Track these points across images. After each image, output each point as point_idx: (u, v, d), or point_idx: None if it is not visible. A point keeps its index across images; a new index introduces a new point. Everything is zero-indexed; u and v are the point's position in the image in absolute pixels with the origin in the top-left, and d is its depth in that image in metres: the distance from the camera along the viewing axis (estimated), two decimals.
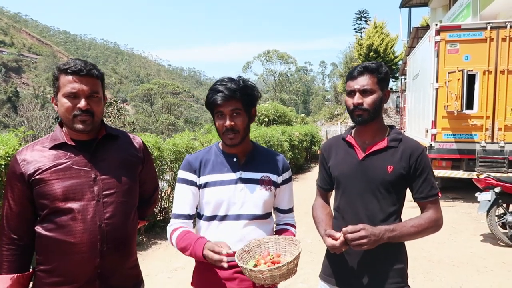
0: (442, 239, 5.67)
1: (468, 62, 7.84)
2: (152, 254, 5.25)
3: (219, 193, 1.75)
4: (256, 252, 1.68)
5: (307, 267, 4.36)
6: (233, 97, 1.67)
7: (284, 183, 1.88)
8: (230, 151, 1.81)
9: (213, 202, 1.76)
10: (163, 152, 6.13)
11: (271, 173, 1.82)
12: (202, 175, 1.80)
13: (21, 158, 1.60)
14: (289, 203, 1.94)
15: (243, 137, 1.75)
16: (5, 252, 1.59)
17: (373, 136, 1.79)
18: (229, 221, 1.75)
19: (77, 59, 1.62)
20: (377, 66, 1.72)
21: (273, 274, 1.50)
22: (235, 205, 1.75)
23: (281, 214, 1.94)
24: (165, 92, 45.88)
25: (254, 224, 1.76)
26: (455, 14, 13.69)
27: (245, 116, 1.74)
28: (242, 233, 1.74)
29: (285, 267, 1.51)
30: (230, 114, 1.69)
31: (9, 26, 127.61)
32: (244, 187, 1.76)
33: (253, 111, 1.80)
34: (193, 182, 1.80)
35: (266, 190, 1.79)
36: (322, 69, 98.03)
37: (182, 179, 1.82)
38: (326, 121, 38.47)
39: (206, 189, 1.78)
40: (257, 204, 1.76)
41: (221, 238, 1.71)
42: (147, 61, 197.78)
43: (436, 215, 1.71)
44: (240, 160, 1.81)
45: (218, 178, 1.77)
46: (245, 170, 1.79)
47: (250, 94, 1.74)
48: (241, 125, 1.72)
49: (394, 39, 30.89)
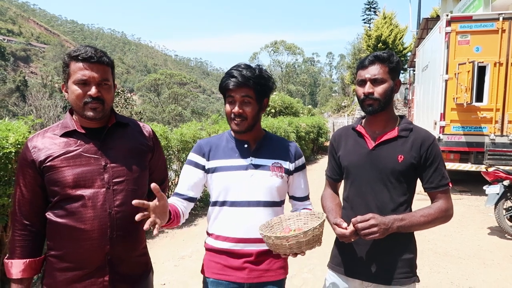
0: (449, 231, 5.65)
1: (479, 54, 7.73)
2: (159, 243, 5.30)
3: (228, 178, 1.76)
4: (277, 229, 1.67)
5: (313, 257, 4.37)
6: (246, 84, 1.68)
7: (297, 171, 1.86)
8: (241, 137, 1.81)
9: (223, 187, 1.76)
10: (171, 141, 6.16)
11: (282, 160, 1.81)
12: (212, 159, 1.81)
13: (32, 145, 1.62)
14: (305, 191, 1.92)
15: (251, 125, 1.75)
16: (17, 238, 1.61)
17: (383, 126, 1.78)
18: (239, 207, 1.75)
19: (87, 45, 1.61)
20: (388, 55, 1.70)
21: (299, 241, 1.48)
22: (245, 191, 1.74)
23: (298, 202, 1.93)
24: (172, 82, 45.81)
25: (264, 210, 1.75)
26: (466, 4, 13.45)
27: (255, 105, 1.73)
28: (252, 219, 1.73)
29: (311, 233, 1.49)
30: (240, 101, 1.70)
31: (17, 15, 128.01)
32: (254, 173, 1.76)
33: (265, 101, 1.80)
34: (201, 166, 1.82)
35: (278, 177, 1.77)
36: (329, 61, 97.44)
37: (190, 160, 1.85)
38: (333, 113, 38.29)
39: (215, 173, 1.79)
40: (268, 191, 1.75)
41: (231, 223, 1.74)
42: (154, 51, 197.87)
43: (447, 205, 1.70)
44: (251, 147, 1.81)
45: (228, 164, 1.78)
46: (256, 156, 1.79)
47: (264, 84, 1.74)
48: (250, 113, 1.72)
49: (403, 30, 30.53)
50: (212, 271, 1.79)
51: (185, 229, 5.84)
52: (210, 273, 1.80)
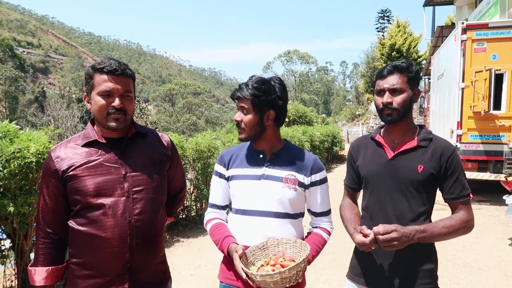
0: (468, 242, 5.54)
1: (495, 61, 7.63)
2: (175, 252, 5.32)
3: (242, 187, 1.80)
4: (272, 251, 1.67)
5: (329, 267, 4.34)
6: (243, 95, 1.75)
7: (313, 185, 1.82)
8: (258, 147, 1.85)
9: (238, 195, 1.82)
10: (186, 151, 6.20)
11: (297, 172, 1.79)
12: (230, 168, 1.87)
13: (55, 155, 1.66)
14: (322, 206, 1.87)
15: (250, 134, 1.78)
16: (41, 246, 1.66)
17: (402, 135, 1.78)
18: (252, 216, 1.77)
19: (111, 58, 1.66)
20: (407, 65, 1.70)
21: (266, 280, 1.49)
22: (258, 201, 1.76)
23: (313, 217, 1.91)
24: (186, 92, 46.33)
25: (277, 222, 1.75)
26: (482, 12, 13.33)
27: (253, 115, 1.75)
28: (266, 230, 1.74)
29: (278, 276, 1.48)
30: (240, 111, 1.79)
31: (36, 28, 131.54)
32: (266, 183, 1.77)
33: (269, 112, 1.77)
34: (223, 175, 1.89)
35: (290, 189, 1.76)
36: (343, 69, 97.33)
37: (215, 171, 1.93)
38: (347, 122, 38.11)
39: (232, 181, 1.85)
40: (280, 202, 1.76)
41: (244, 231, 1.77)
42: (169, 61, 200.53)
43: (468, 216, 1.68)
44: (266, 157, 1.83)
45: (243, 172, 1.82)
46: (270, 166, 1.80)
47: (260, 96, 1.73)
48: (246, 122, 1.76)
49: (418, 38, 30.34)
50: (225, 276, 1.82)
51: (201, 238, 5.86)
52: (223, 278, 1.83)
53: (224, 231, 1.79)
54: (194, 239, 5.80)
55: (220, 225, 1.83)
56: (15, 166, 3.09)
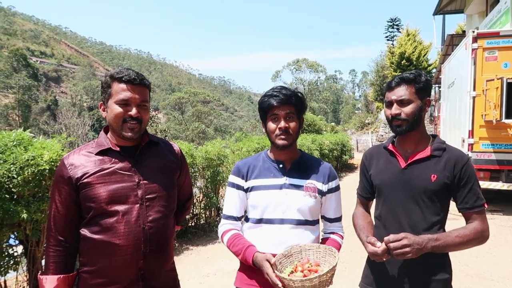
0: (481, 252, 5.45)
1: (507, 70, 7.56)
2: (184, 260, 5.32)
3: (264, 197, 1.81)
4: (296, 258, 1.69)
5: (340, 277, 4.29)
6: (288, 102, 1.78)
7: (330, 192, 1.89)
8: (277, 157, 1.88)
9: (258, 205, 1.82)
10: (196, 159, 6.23)
11: (316, 180, 1.86)
12: (249, 179, 1.88)
13: (68, 162, 1.68)
14: (336, 212, 1.94)
15: (295, 140, 1.83)
16: (52, 254, 1.66)
17: (415, 145, 1.78)
18: (273, 225, 1.79)
19: (128, 68, 1.70)
20: (414, 76, 1.71)
21: (304, 285, 1.50)
22: (279, 210, 1.79)
23: (328, 223, 1.95)
24: (196, 100, 46.60)
25: (298, 229, 1.79)
26: (493, 20, 13.25)
27: (297, 121, 1.82)
28: (285, 238, 1.77)
29: (317, 279, 1.51)
30: (284, 117, 1.78)
31: (50, 38, 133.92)
32: (288, 192, 1.81)
33: (301, 119, 1.88)
34: (241, 186, 1.89)
35: (311, 197, 1.82)
36: (352, 78, 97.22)
37: (231, 183, 1.93)
38: (357, 130, 37.94)
39: (252, 192, 1.86)
40: (301, 210, 1.80)
41: (265, 240, 1.78)
42: (178, 70, 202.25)
43: (482, 226, 1.67)
44: (286, 167, 1.86)
45: (264, 183, 1.84)
46: (291, 176, 1.84)
47: (302, 101, 1.84)
48: (294, 128, 1.80)
49: (428, 47, 30.21)
50: (244, 282, 1.83)
51: (210, 247, 5.86)
52: (240, 283, 1.84)
53: (244, 241, 1.80)
54: (203, 247, 5.79)
55: (238, 235, 1.84)
56: (29, 174, 3.14)
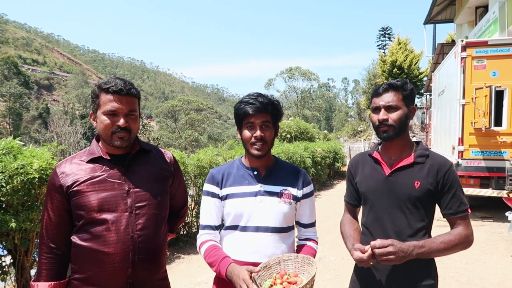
0: (471, 259, 5.49)
1: (496, 78, 7.69)
2: (175, 268, 5.29)
3: (239, 205, 1.80)
4: (275, 270, 1.68)
5: (331, 284, 4.30)
6: (264, 110, 1.77)
7: (304, 197, 1.89)
8: (251, 164, 1.88)
9: (234, 213, 1.81)
10: (188, 167, 6.23)
11: (291, 186, 1.85)
12: (224, 187, 1.86)
13: (60, 171, 1.69)
14: (310, 218, 1.94)
15: (269, 148, 1.83)
16: (44, 261, 1.67)
17: (399, 152, 1.80)
18: (248, 232, 1.78)
19: (117, 78, 1.70)
20: (402, 83, 1.74)
21: None
22: (254, 217, 1.78)
23: (303, 229, 1.95)
24: (189, 108, 46.61)
25: (273, 236, 1.79)
26: (482, 30, 13.49)
27: (272, 129, 1.82)
28: (260, 245, 1.77)
29: None
30: (260, 126, 1.77)
31: (42, 46, 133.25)
32: (263, 199, 1.80)
33: (277, 126, 1.88)
34: (216, 194, 1.87)
35: (286, 203, 1.81)
36: (344, 86, 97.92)
37: (206, 191, 1.90)
38: (349, 138, 38.14)
39: (227, 200, 1.84)
40: (276, 217, 1.79)
41: (240, 248, 1.77)
42: (171, 78, 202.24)
43: (466, 231, 1.69)
44: (260, 174, 1.86)
45: (238, 191, 1.83)
46: (265, 183, 1.83)
47: (279, 109, 1.84)
48: (269, 136, 1.80)
49: (419, 55, 30.56)
50: None
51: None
52: None
53: (221, 253, 1.76)
54: (194, 256, 5.76)
55: (215, 247, 1.79)
56: (18, 182, 3.12)
